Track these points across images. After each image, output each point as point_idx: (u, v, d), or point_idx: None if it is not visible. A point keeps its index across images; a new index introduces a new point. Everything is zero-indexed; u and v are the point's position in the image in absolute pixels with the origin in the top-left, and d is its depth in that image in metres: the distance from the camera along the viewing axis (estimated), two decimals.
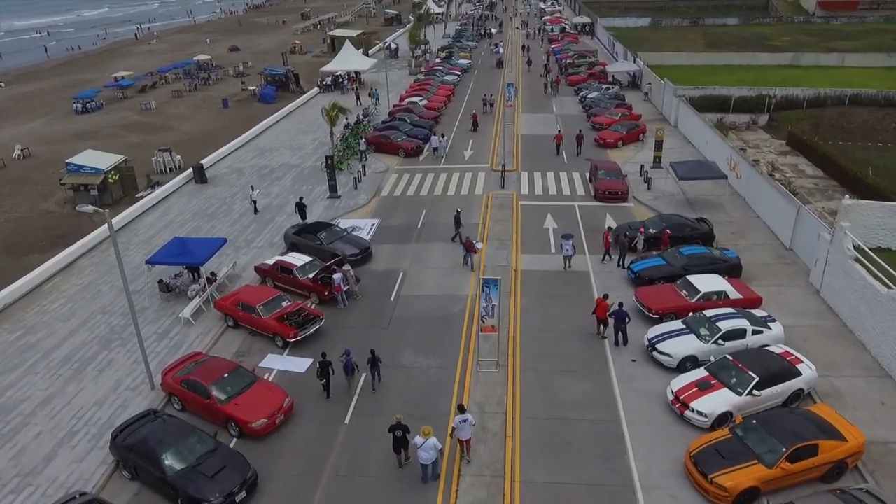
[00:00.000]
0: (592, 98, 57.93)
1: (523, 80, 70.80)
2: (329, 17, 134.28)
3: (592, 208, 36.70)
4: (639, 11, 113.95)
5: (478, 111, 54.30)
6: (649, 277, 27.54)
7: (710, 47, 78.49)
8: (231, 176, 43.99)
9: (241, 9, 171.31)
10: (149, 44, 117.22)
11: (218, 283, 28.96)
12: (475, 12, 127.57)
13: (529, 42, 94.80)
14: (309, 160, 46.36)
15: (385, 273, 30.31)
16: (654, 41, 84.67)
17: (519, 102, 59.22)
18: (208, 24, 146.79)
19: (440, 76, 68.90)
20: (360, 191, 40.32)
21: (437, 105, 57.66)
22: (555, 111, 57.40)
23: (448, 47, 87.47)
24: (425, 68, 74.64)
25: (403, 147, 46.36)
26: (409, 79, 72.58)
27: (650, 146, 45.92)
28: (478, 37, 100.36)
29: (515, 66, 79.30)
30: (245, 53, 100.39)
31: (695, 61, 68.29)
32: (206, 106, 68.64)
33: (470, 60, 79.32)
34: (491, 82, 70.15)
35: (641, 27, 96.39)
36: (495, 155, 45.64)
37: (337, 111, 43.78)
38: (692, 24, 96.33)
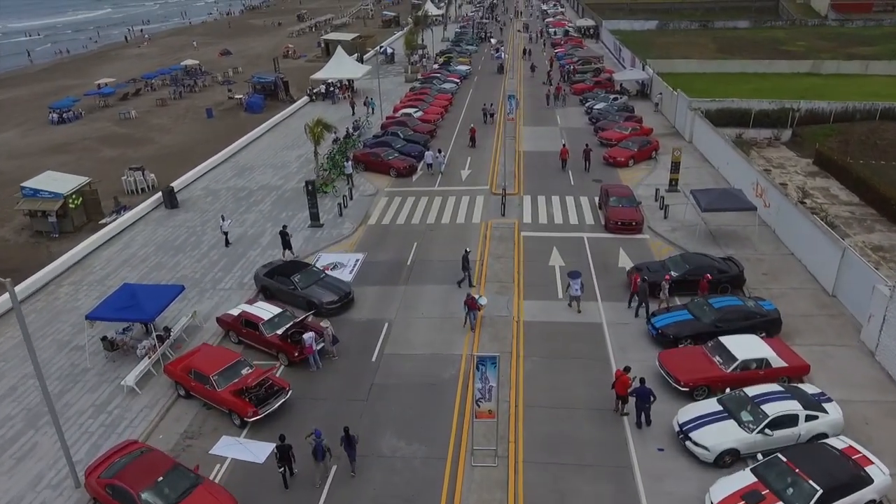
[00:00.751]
0: (599, 109, 53.80)
1: (525, 88, 66.67)
2: (325, 18, 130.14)
3: (603, 241, 32.56)
4: (644, 14, 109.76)
5: (476, 125, 50.07)
6: (674, 336, 23.43)
7: (721, 53, 74.30)
8: (205, 200, 39.86)
9: (238, 10, 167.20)
10: (139, 47, 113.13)
11: (173, 339, 24.91)
12: (475, 14, 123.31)
13: (531, 46, 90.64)
14: (292, 181, 42.24)
15: (367, 324, 26.21)
16: (662, 46, 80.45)
17: (521, 114, 55.10)
18: (202, 26, 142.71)
19: (437, 84, 64.78)
20: (346, 217, 36.20)
21: (432, 117, 53.53)
22: (559, 124, 53.26)
23: (447, 52, 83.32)
24: (422, 75, 70.50)
25: (395, 166, 42.24)
26: (405, 86, 68.45)
27: (664, 165, 41.81)
28: (478, 40, 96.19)
29: (517, 71, 75.18)
30: (236, 58, 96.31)
31: (707, 68, 64.09)
32: (189, 116, 64.56)
33: (469, 67, 75.17)
34: (491, 90, 66.00)
35: (648, 31, 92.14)
36: (495, 175, 41.55)
37: (321, 128, 39.67)
38: (701, 27, 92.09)
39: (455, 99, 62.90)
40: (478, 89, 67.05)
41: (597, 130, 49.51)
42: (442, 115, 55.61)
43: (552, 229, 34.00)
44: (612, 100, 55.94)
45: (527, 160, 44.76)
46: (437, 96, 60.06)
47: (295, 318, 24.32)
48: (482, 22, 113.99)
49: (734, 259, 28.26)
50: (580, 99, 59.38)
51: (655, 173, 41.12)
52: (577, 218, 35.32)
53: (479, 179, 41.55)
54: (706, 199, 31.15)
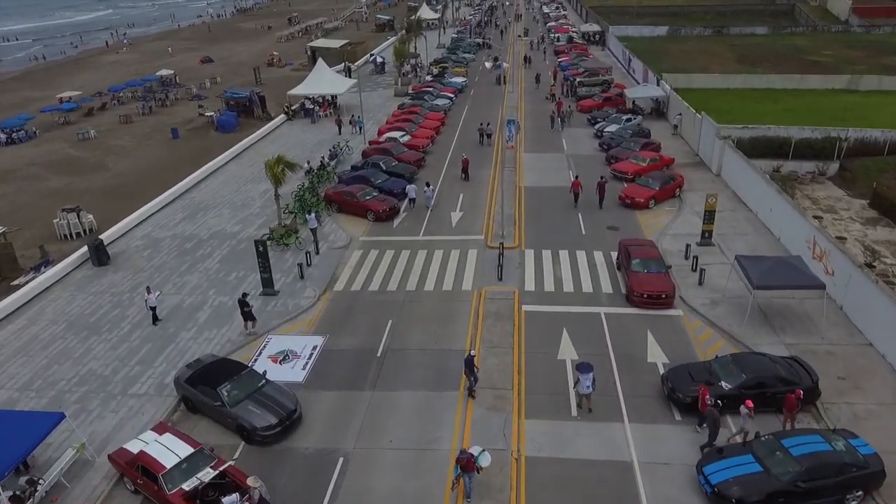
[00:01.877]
0: (611, 133, 46.90)
1: (527, 104, 59.68)
2: (317, 22, 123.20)
3: (626, 318, 25.70)
4: (651, 18, 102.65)
5: (471, 150, 42.94)
6: (737, 499, 16.54)
7: (742, 63, 67.24)
8: (143, 253, 32.93)
9: (229, 12, 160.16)
10: (117, 53, 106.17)
11: (50, 484, 18.09)
12: (474, 17, 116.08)
13: (533, 53, 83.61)
14: (251, 226, 35.34)
15: (315, 459, 19.30)
16: (675, 55, 73.39)
17: (521, 138, 48.23)
18: (189, 29, 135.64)
19: (429, 100, 57.84)
20: (308, 281, 29.32)
21: (421, 143, 46.56)
22: (565, 150, 46.31)
23: (441, 60, 76.27)
24: (413, 89, 63.54)
25: (373, 209, 35.33)
26: (394, 101, 61.52)
27: (691, 206, 35.10)
28: (476, 47, 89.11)
29: (518, 83, 68.19)
30: (218, 66, 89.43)
31: (730, 83, 56.99)
32: (154, 136, 57.64)
33: (465, 78, 68.12)
34: (489, 106, 59.02)
35: (658, 37, 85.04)
36: (491, 220, 34.70)
37: (282, 167, 32.72)
38: (715, 33, 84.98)
39: (449, 117, 56.01)
40: (474, 105, 60.10)
41: (609, 160, 42.61)
42: (432, 138, 48.66)
43: (561, 300, 27.11)
44: (624, 121, 49.00)
45: (529, 198, 37.87)
46: (428, 115, 53.13)
47: (212, 463, 17.50)
48: (481, 26, 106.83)
49: (802, 362, 21.35)
50: (588, 118, 52.39)
51: (682, 218, 34.22)
52: (591, 283, 28.43)
53: (473, 225, 34.62)
54: (758, 272, 24.19)
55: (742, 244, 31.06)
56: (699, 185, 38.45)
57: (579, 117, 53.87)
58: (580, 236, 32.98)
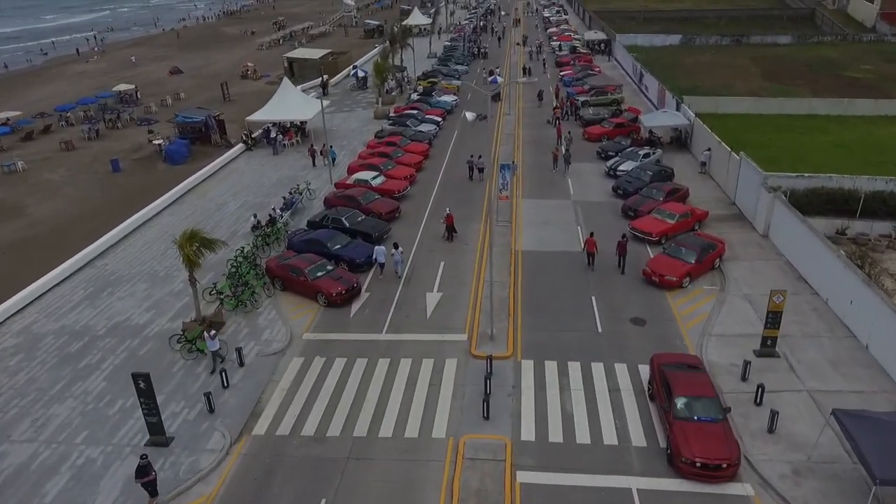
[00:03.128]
0: (626, 173, 38.40)
1: (527, 127, 51.03)
2: (303, 27, 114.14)
3: (669, 501, 17.24)
4: (660, 24, 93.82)
5: (453, 213, 33.77)
6: None
7: (769, 80, 58.45)
8: (9, 362, 24.43)
9: (215, 14, 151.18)
10: (87, 62, 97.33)
11: None
12: (469, 23, 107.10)
13: (532, 64, 74.91)
14: (166, 313, 26.82)
15: None
16: (692, 69, 64.65)
17: (519, 177, 39.68)
18: (169, 35, 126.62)
19: (412, 126, 49.19)
20: (220, 416, 20.81)
21: (398, 186, 37.95)
22: (572, 194, 37.71)
23: (431, 74, 67.59)
24: (395, 111, 54.88)
25: (325, 291, 26.80)
26: (374, 125, 52.97)
27: (736, 285, 26.78)
28: (470, 56, 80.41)
29: (516, 101, 59.53)
30: (187, 78, 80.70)
31: (764, 108, 48.13)
32: (93, 168, 49.03)
33: (456, 97, 59.41)
34: (482, 131, 50.51)
35: (671, 47, 76.18)
36: (478, 309, 26.21)
37: (197, 246, 24.10)
38: (734, 42, 76.10)
39: (434, 146, 47.47)
40: (465, 129, 51.49)
41: (627, 213, 34.05)
42: (412, 178, 40.09)
43: (573, 461, 18.56)
44: (642, 157, 40.42)
45: (528, 270, 29.33)
46: (409, 146, 44.56)
47: None
48: (476, 32, 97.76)
49: None
50: (598, 151, 43.78)
51: (729, 306, 25.68)
52: (614, 427, 19.87)
53: (453, 317, 26.05)
54: (880, 452, 15.57)
55: (817, 354, 22.57)
56: (743, 250, 29.94)
57: (586, 148, 45.27)
58: (595, 335, 24.46)
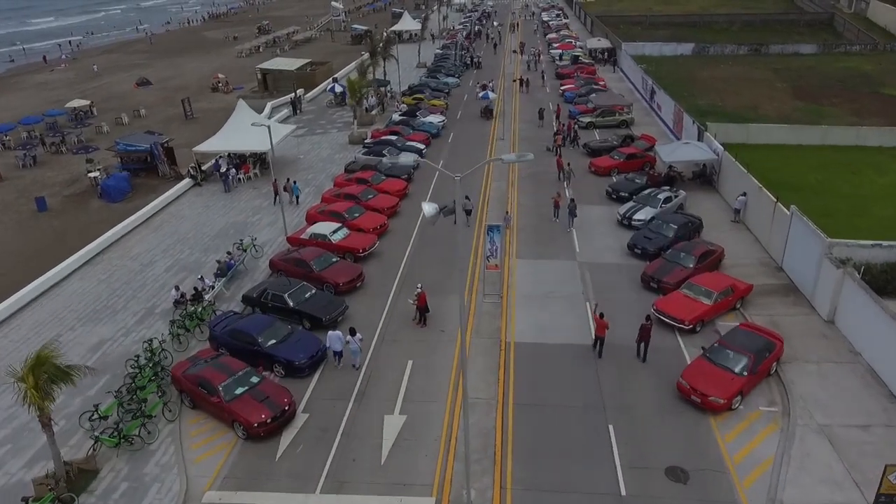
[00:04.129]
0: (644, 224, 30.95)
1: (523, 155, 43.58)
2: (288, 32, 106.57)
3: None
4: (668, 30, 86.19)
5: (425, 290, 26.11)
6: None
7: (801, 98, 50.75)
8: None
9: (200, 18, 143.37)
10: (52, 71, 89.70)
11: None
12: (463, 28, 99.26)
13: (530, 74, 67.35)
14: (27, 450, 19.38)
15: None
16: (708, 84, 57.06)
17: (513, 232, 32.17)
18: (146, 40, 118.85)
19: (390, 156, 41.63)
20: None
21: (362, 243, 30.32)
22: (577, 252, 30.13)
23: (417, 88, 60.00)
24: (373, 135, 47.31)
25: (242, 419, 19.30)
26: (349, 152, 45.53)
27: (803, 407, 19.33)
28: (462, 67, 72.80)
29: (512, 120, 51.95)
30: (154, 90, 73.21)
31: (804, 138, 40.21)
32: (16, 206, 41.55)
33: (444, 117, 51.79)
34: (472, 158, 43.07)
35: (683, 57, 68.50)
36: (451, 454, 18.74)
37: (46, 378, 16.58)
38: (752, 52, 68.35)
39: (415, 179, 40.05)
40: (452, 157, 43.98)
41: (649, 283, 26.60)
42: (382, 229, 32.59)
43: None
44: (662, 201, 32.88)
45: (522, 374, 21.87)
46: (383, 184, 37.08)
47: None
48: (469, 39, 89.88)
49: None
50: (608, 190, 36.26)
51: (800, 450, 18.20)
52: None
53: (417, 465, 18.44)
54: None
55: None
56: (804, 344, 22.50)
57: (593, 185, 37.79)
58: (618, 499, 17.05)
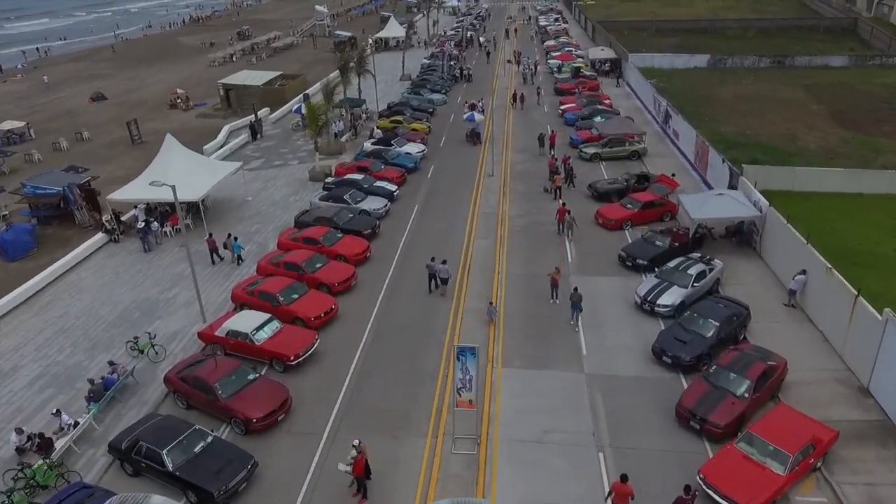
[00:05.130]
0: (674, 317, 23.00)
1: (515, 202, 35.48)
2: (268, 38, 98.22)
3: None
4: (675, 36, 78.06)
5: (365, 451, 18.15)
6: None
7: (845, 125, 42.43)
8: None
9: (180, 21, 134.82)
10: (4, 82, 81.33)
11: None
12: (456, 34, 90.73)
13: (526, 89, 59.28)
14: None
15: None
16: (730, 104, 48.92)
17: (499, 324, 24.18)
18: (120, 45, 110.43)
19: (353, 202, 33.58)
20: None
21: (298, 345, 21.99)
22: (584, 358, 22.05)
23: (397, 108, 51.88)
24: (337, 171, 39.18)
25: None
26: (309, 190, 37.58)
27: None
28: (450, 80, 64.69)
29: (504, 148, 43.91)
30: (109, 106, 64.97)
31: (865, 184, 30.77)
32: None
33: (424, 146, 43.71)
34: (454, 202, 35.21)
35: (697, 70, 60.35)
36: None
37: None
38: (775, 64, 60.23)
39: (382, 232, 32.04)
40: (431, 199, 36.02)
41: (689, 421, 18.63)
42: (328, 316, 24.48)
43: None
44: (694, 278, 24.82)
45: None
46: (338, 245, 29.03)
47: None
48: (461, 47, 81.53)
49: None
50: (620, 254, 28.23)
51: None
52: None
53: None
54: None
55: None
56: None
57: (601, 244, 29.81)
58: None
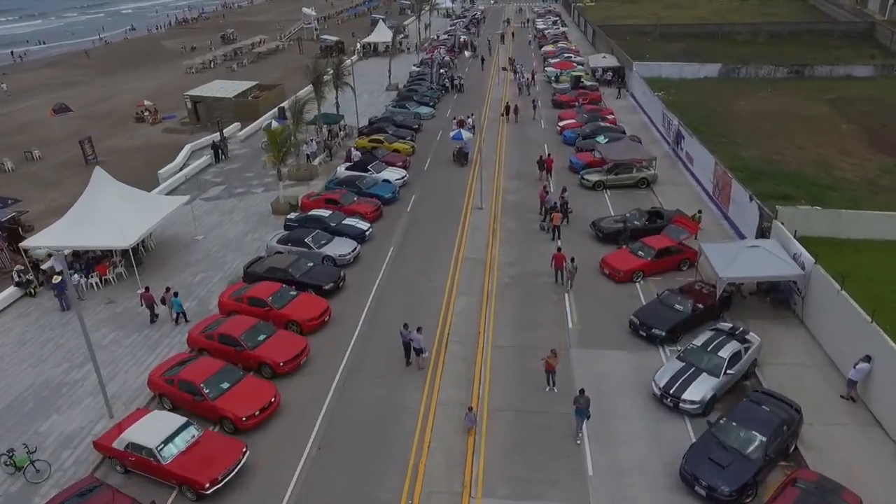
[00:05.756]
0: (698, 408, 17.50)
1: (506, 243, 30.15)
2: (252, 42, 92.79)
3: None
4: (681, 41, 72.65)
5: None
6: None
7: (885, 150, 36.84)
8: None
9: (164, 24, 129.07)
10: None
11: None
12: (448, 38, 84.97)
13: (522, 100, 53.89)
14: None
15: None
16: (750, 122, 43.52)
17: (481, 439, 18.76)
18: (99, 49, 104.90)
19: (316, 246, 28.21)
20: None
21: (210, 473, 16.33)
22: (589, 488, 16.59)
23: (377, 125, 46.48)
24: (303, 204, 33.65)
25: None
26: (271, 227, 32.20)
27: None
28: (441, 90, 59.27)
29: (495, 173, 38.58)
30: (73, 119, 59.60)
31: None
32: None
33: (405, 173, 38.29)
34: (431, 243, 29.78)
35: (708, 81, 54.89)
36: None
37: None
38: (793, 75, 54.78)
39: (348, 284, 26.67)
40: (408, 240, 30.63)
41: None
42: (266, 412, 18.94)
43: None
44: (727, 363, 19.49)
45: None
46: (291, 307, 23.64)
47: None
48: (454, 51, 75.94)
49: None
50: (633, 321, 22.79)
51: None
52: None
53: None
54: None
55: None
56: None
57: (609, 301, 24.48)
58: None
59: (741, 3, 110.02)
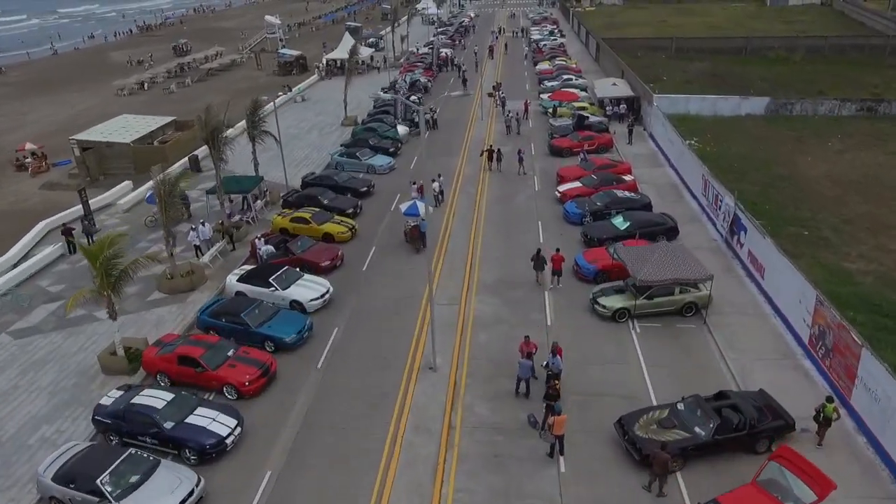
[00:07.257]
0: None
1: (470, 460, 16.87)
2: (207, 55, 78.71)
3: None
4: (703, 59, 58.96)
5: None
6: None
7: None
8: None
9: (128, 29, 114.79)
10: None
11: None
12: (431, 52, 70.52)
13: (509, 143, 40.44)
14: None
15: None
16: (826, 194, 29.86)
17: None
18: (48, 61, 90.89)
19: None
20: None
21: None
22: None
23: (308, 191, 32.92)
24: (144, 362, 20.37)
25: None
26: (74, 406, 18.86)
27: None
28: (410, 125, 45.66)
29: (466, 278, 25.34)
30: None
31: None
32: None
33: (327, 288, 24.40)
34: (341, 451, 16.32)
35: (751, 119, 41.24)
36: None
37: None
38: (865, 112, 41.21)
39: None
40: (303, 450, 17.31)
41: None
42: None
43: None
44: None
45: None
46: None
47: None
48: (430, 77, 61.28)
49: None
50: None
51: None
52: None
53: None
54: None
55: None
56: None
57: None
58: None
59: (758, 9, 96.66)
